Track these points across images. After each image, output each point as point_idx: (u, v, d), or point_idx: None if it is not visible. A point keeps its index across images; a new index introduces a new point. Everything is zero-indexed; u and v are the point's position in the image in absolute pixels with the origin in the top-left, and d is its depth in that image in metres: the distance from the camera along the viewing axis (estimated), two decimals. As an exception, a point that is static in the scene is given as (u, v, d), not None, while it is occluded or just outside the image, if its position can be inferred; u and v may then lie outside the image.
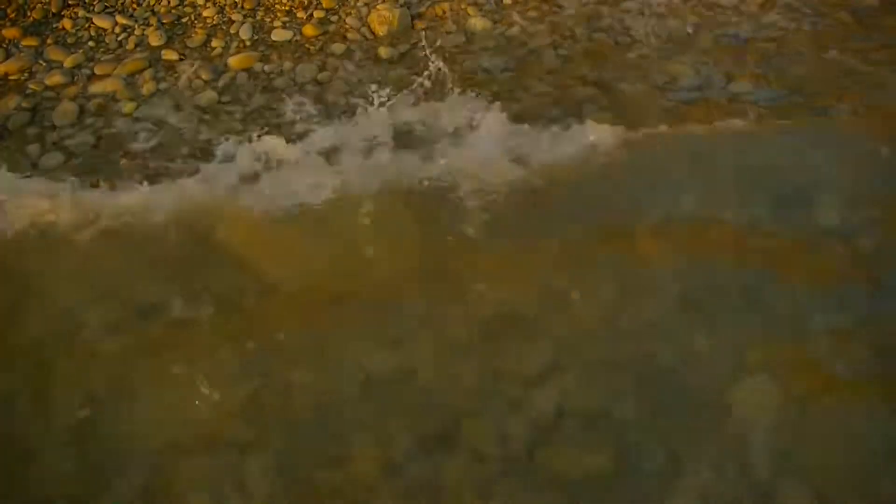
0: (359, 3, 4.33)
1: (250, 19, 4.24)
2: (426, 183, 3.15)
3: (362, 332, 2.62)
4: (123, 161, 3.40)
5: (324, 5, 4.33)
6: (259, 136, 3.36)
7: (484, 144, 3.34)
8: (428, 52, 3.77)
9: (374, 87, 3.51)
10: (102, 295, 2.76)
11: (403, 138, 3.40)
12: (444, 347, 2.57)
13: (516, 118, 3.49)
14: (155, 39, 4.08)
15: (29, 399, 2.43)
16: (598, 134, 3.40)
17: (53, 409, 2.40)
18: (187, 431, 2.38)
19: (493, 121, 3.43)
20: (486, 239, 2.93)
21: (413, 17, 4.27)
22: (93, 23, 4.17)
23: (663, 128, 3.51)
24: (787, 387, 2.43)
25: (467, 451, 2.30)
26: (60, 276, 2.83)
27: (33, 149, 3.49)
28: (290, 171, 3.24)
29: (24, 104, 3.72)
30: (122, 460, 2.31)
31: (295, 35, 4.17)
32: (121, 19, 4.18)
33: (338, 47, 4.08)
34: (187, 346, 2.56)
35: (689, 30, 4.25)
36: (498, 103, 3.55)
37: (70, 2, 4.25)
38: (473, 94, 3.62)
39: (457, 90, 3.60)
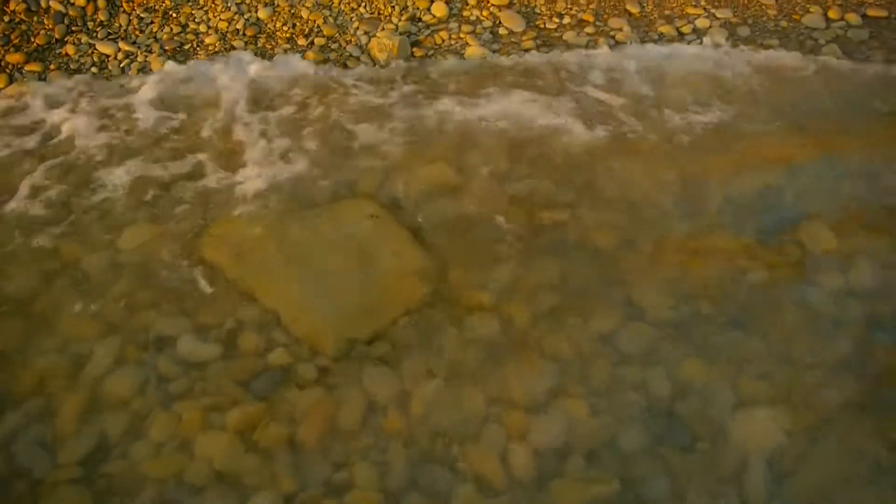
0: (359, 31, 4.41)
1: (252, 46, 4.31)
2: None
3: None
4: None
5: (325, 33, 4.41)
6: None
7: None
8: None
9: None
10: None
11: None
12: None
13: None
14: (157, 66, 4.13)
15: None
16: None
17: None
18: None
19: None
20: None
21: (412, 45, 4.35)
22: (96, 49, 4.22)
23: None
24: None
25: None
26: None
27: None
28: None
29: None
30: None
31: (296, 62, 4.23)
32: (124, 46, 4.23)
33: (337, 73, 4.14)
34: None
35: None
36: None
37: (73, 28, 4.31)
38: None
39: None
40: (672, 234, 3.13)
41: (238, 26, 4.39)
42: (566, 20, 4.62)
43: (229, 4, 4.48)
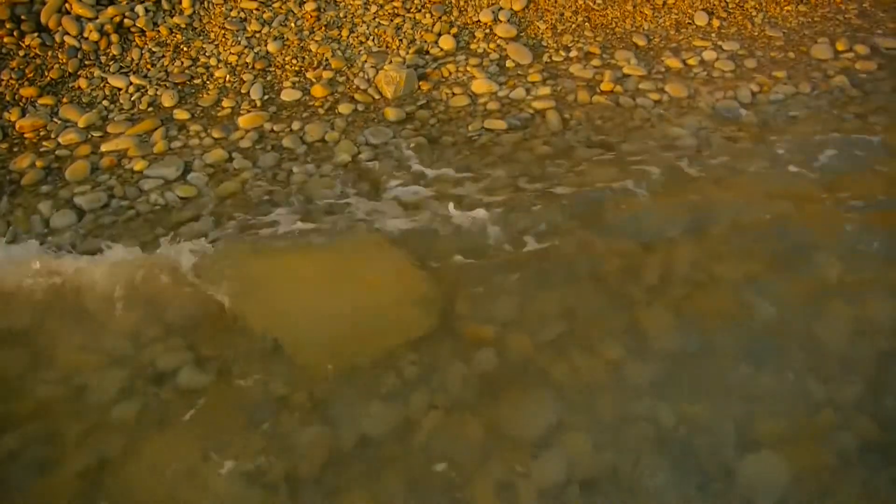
0: (366, 65, 4.45)
1: (261, 79, 4.36)
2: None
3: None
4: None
5: (332, 66, 4.45)
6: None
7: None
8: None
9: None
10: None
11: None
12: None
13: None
14: (167, 100, 4.18)
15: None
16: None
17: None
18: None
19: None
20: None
21: (419, 78, 4.38)
22: (108, 83, 4.28)
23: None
24: None
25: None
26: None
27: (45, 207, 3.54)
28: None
29: (38, 162, 3.79)
30: None
31: (304, 95, 4.28)
32: (135, 79, 4.29)
33: (345, 108, 4.18)
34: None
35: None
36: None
37: (86, 62, 4.38)
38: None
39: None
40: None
41: (248, 60, 4.45)
42: (573, 53, 4.64)
43: (239, 39, 4.54)
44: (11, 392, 2.59)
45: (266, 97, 4.25)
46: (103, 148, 3.86)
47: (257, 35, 4.58)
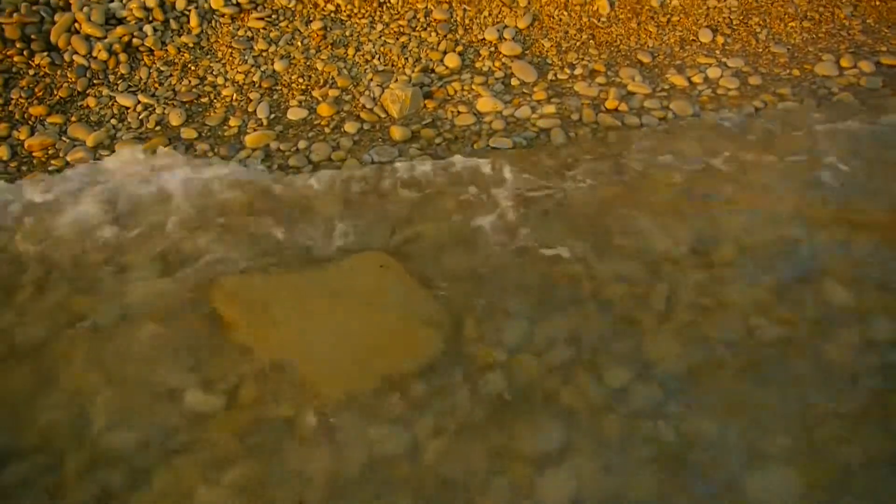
0: (372, 84, 4.48)
1: (267, 98, 4.39)
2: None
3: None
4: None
5: (339, 84, 4.48)
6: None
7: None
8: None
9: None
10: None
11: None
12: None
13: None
14: (175, 118, 4.22)
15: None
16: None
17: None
18: None
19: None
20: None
21: (424, 97, 4.40)
22: (116, 101, 4.32)
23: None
24: None
25: None
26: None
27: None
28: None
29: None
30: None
31: (310, 114, 4.30)
32: (143, 98, 4.32)
33: (351, 126, 4.20)
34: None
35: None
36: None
37: (95, 81, 4.42)
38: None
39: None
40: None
41: (254, 78, 4.48)
42: (577, 71, 4.66)
43: (246, 57, 4.58)
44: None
45: (272, 116, 4.28)
46: (110, 166, 3.90)
47: (264, 54, 4.61)
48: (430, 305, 2.90)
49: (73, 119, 4.23)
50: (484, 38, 4.81)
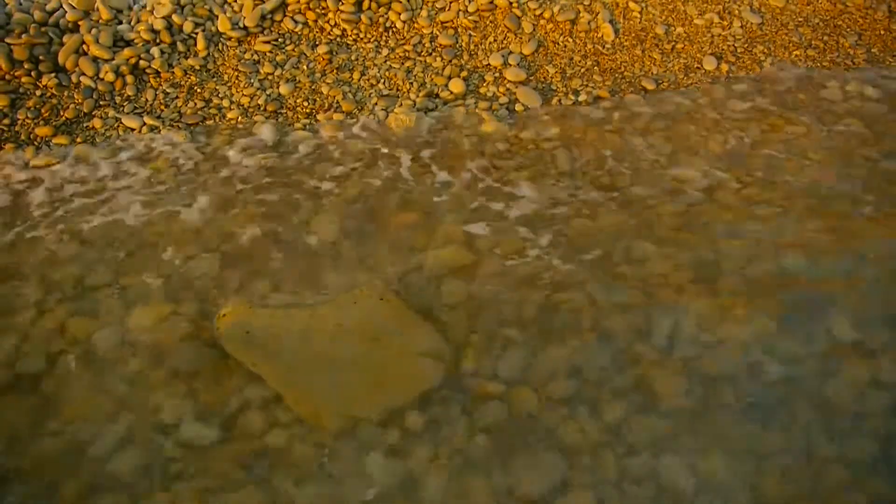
0: (377, 107, 4.49)
1: (272, 121, 4.41)
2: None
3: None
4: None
5: (343, 108, 4.49)
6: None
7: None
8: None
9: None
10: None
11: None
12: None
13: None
14: (180, 139, 4.23)
15: None
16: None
17: None
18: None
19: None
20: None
21: (430, 123, 4.40)
22: (121, 122, 4.34)
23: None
24: None
25: None
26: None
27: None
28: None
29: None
30: None
31: (314, 136, 4.31)
32: (148, 120, 4.34)
33: (354, 148, 4.20)
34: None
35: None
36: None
37: (101, 102, 4.44)
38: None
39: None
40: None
41: (260, 101, 4.50)
42: (582, 97, 4.67)
43: (252, 80, 4.61)
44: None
45: (277, 138, 4.28)
46: (114, 186, 3.91)
47: (270, 77, 4.64)
48: (430, 335, 2.86)
49: (79, 140, 4.25)
50: (489, 64, 4.83)
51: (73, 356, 2.87)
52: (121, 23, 4.76)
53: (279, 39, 4.82)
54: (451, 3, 5.05)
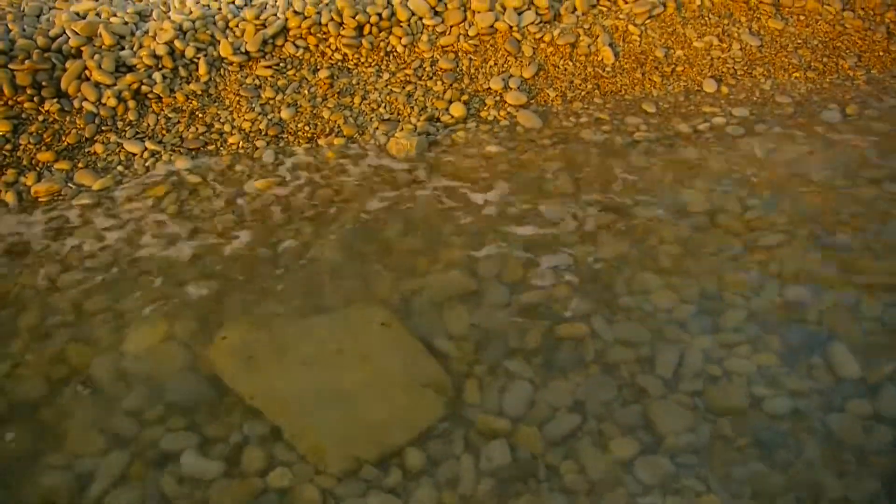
0: (378, 132, 4.50)
1: (273, 146, 4.41)
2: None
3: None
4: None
5: (344, 133, 4.50)
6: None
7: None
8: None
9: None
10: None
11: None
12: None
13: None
14: (181, 164, 4.23)
15: None
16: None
17: None
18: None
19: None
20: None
21: (430, 145, 4.41)
22: (123, 148, 4.35)
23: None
24: None
25: None
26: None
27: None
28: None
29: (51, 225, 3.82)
30: None
31: (315, 161, 4.31)
32: (150, 145, 4.35)
33: (356, 172, 4.20)
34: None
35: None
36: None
37: (103, 128, 4.45)
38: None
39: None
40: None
41: (261, 126, 4.51)
42: (583, 119, 4.68)
43: (253, 105, 4.62)
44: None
45: (277, 162, 4.29)
46: (116, 212, 3.90)
47: (271, 102, 4.66)
48: (432, 365, 2.83)
49: (80, 165, 4.26)
50: (489, 88, 4.85)
51: (72, 385, 2.84)
52: (123, 48, 4.79)
53: (280, 64, 4.85)
54: (451, 27, 5.08)
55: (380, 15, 5.02)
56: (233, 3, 5.14)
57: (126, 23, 4.93)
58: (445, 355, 2.91)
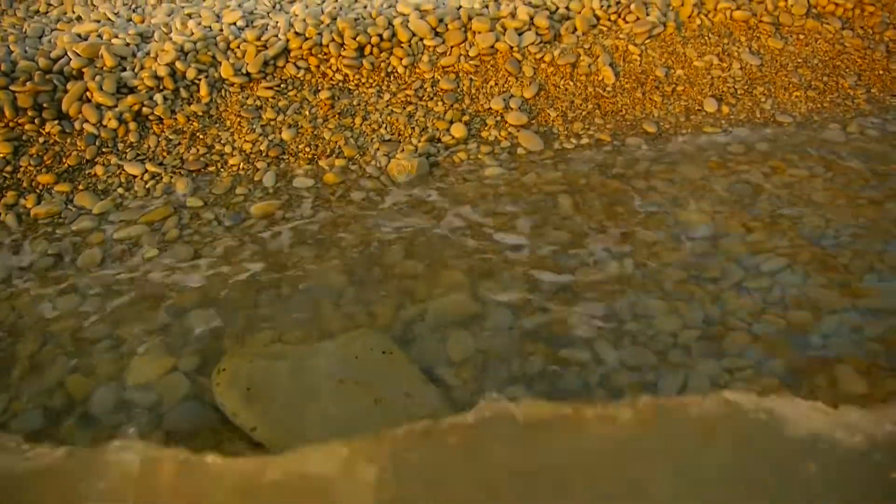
0: (378, 153, 4.49)
1: (274, 167, 4.41)
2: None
3: None
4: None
5: (345, 154, 4.50)
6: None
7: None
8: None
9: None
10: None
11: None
12: None
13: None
14: (181, 187, 4.22)
15: None
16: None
17: None
18: None
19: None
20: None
21: (431, 166, 4.41)
22: (123, 170, 4.34)
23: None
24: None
25: None
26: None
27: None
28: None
29: (50, 250, 3.80)
30: None
31: (316, 183, 4.31)
32: (150, 167, 4.34)
33: (357, 195, 4.19)
34: None
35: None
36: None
37: (104, 149, 4.45)
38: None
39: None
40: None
41: (262, 147, 4.51)
42: (584, 140, 4.68)
43: (254, 126, 4.62)
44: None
45: (278, 185, 4.28)
46: (115, 236, 3.89)
47: (272, 123, 4.66)
48: (433, 395, 2.81)
49: (81, 187, 4.25)
50: (490, 108, 4.85)
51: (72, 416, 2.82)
52: (124, 69, 4.80)
53: (281, 85, 4.85)
54: (452, 47, 5.09)
55: (381, 36, 5.03)
56: (234, 24, 5.16)
57: (128, 44, 4.94)
58: (446, 382, 2.89)
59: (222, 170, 4.39)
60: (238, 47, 4.95)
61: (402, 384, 2.82)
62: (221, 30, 5.09)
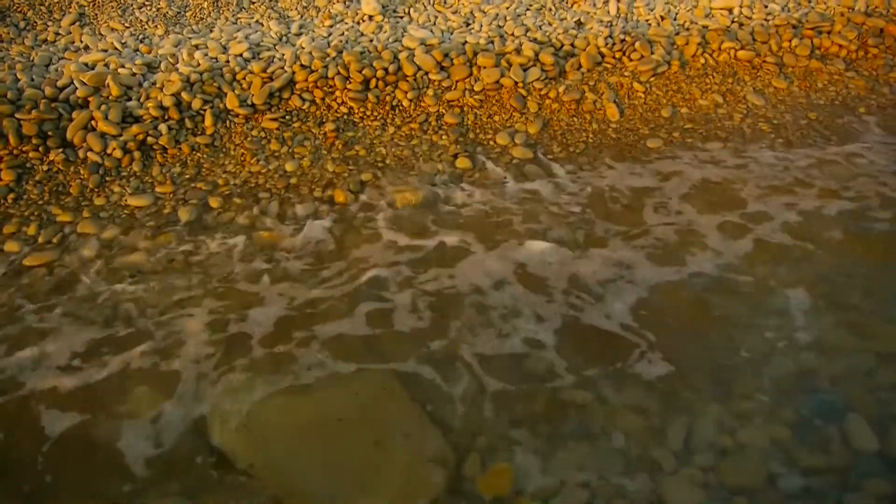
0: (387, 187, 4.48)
1: (277, 198, 4.38)
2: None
3: None
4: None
5: (350, 186, 4.47)
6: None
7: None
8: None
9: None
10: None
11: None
12: None
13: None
14: (185, 216, 4.19)
15: None
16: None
17: None
18: None
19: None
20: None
21: (435, 198, 4.38)
22: (127, 199, 4.31)
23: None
24: None
25: None
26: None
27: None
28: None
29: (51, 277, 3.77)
30: None
31: (318, 213, 4.27)
32: (154, 196, 4.32)
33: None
34: None
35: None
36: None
37: (107, 178, 4.43)
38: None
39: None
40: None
41: (266, 178, 4.48)
42: (588, 174, 4.66)
43: (258, 157, 4.61)
44: None
45: (282, 215, 4.25)
46: (118, 263, 3.85)
47: (276, 154, 4.65)
48: (433, 436, 2.74)
49: (84, 216, 4.21)
50: (495, 142, 4.85)
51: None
52: (130, 99, 4.81)
53: (286, 117, 4.86)
54: (457, 82, 5.12)
55: (386, 69, 5.06)
56: (241, 55, 5.20)
57: (134, 74, 4.97)
58: (447, 422, 2.82)
59: (227, 202, 4.35)
60: (244, 78, 4.97)
61: (401, 423, 2.74)
62: (228, 61, 5.12)
